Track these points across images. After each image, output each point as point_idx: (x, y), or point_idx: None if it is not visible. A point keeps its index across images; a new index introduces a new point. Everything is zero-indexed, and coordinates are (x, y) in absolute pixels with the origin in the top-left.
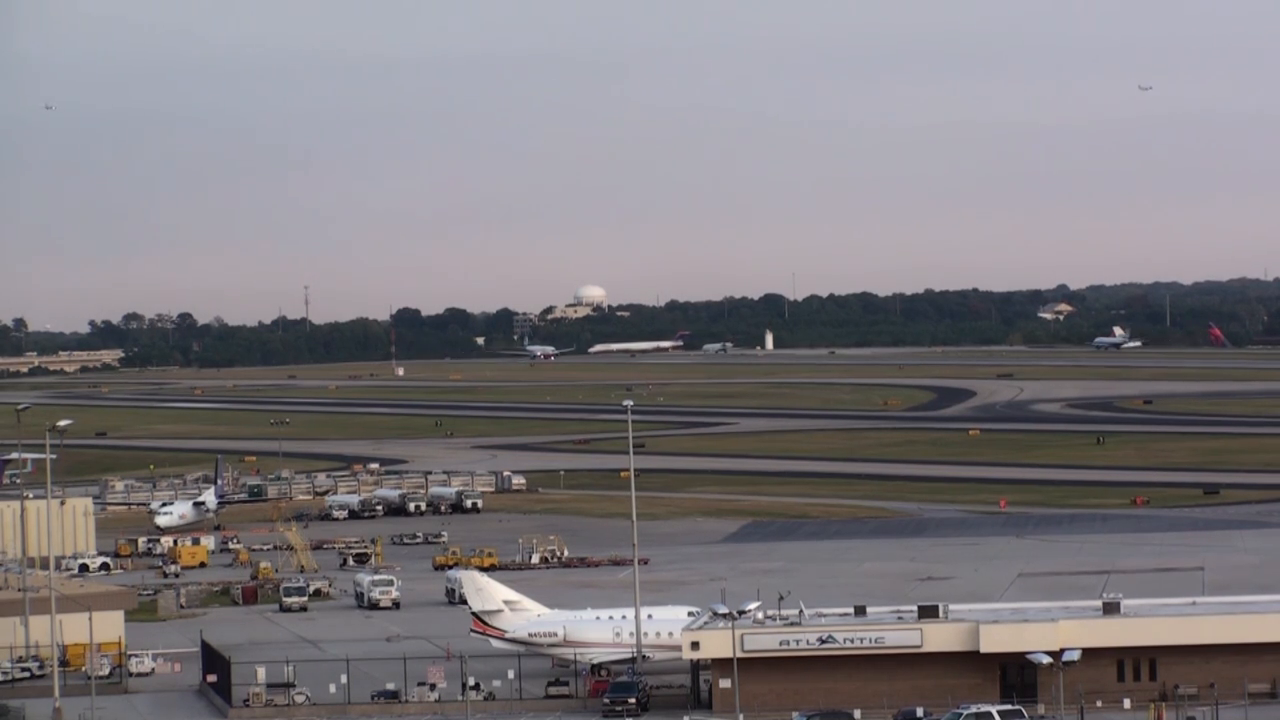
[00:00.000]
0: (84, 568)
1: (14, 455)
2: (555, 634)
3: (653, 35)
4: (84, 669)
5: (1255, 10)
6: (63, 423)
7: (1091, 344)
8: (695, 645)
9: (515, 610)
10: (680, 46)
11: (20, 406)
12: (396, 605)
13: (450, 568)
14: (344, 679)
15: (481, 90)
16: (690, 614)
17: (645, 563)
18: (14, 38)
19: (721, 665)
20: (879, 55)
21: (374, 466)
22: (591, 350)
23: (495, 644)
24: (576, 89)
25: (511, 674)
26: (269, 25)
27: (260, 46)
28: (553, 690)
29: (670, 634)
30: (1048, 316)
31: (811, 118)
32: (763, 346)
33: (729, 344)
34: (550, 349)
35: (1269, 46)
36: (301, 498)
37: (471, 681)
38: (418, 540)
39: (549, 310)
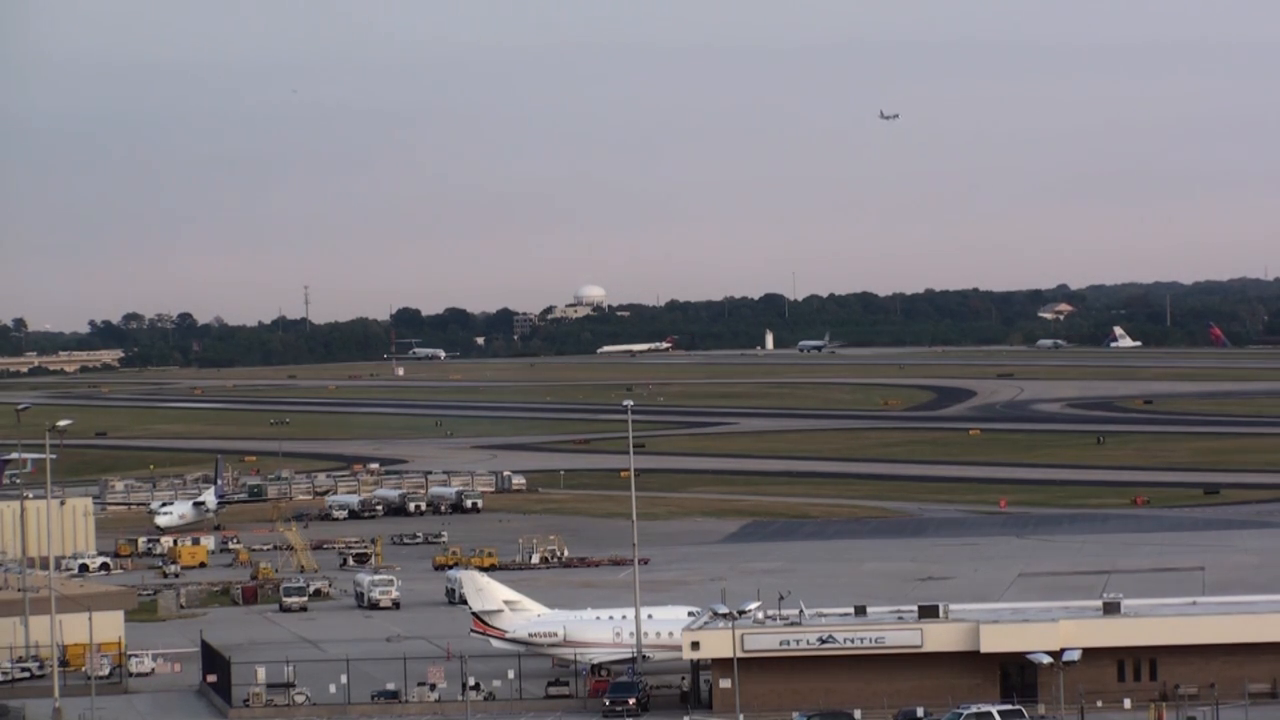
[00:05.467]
0: (84, 568)
1: (14, 455)
2: (555, 634)
3: (653, 34)
4: (84, 669)
5: (1256, 10)
6: (63, 423)
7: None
8: (695, 645)
9: (515, 610)
10: (680, 46)
11: (20, 406)
12: (396, 605)
13: (450, 568)
14: (344, 679)
15: (481, 89)
16: (690, 614)
17: (645, 563)
18: (15, 37)
19: (722, 665)
20: (879, 55)
21: (374, 466)
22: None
23: (495, 644)
24: (577, 88)
25: (511, 674)
26: (268, 26)
27: (259, 47)
28: (553, 690)
29: (670, 634)
30: (1048, 316)
31: (812, 118)
32: (763, 346)
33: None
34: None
35: (1270, 46)
36: (301, 498)
37: (471, 681)
38: (418, 540)
39: (549, 310)
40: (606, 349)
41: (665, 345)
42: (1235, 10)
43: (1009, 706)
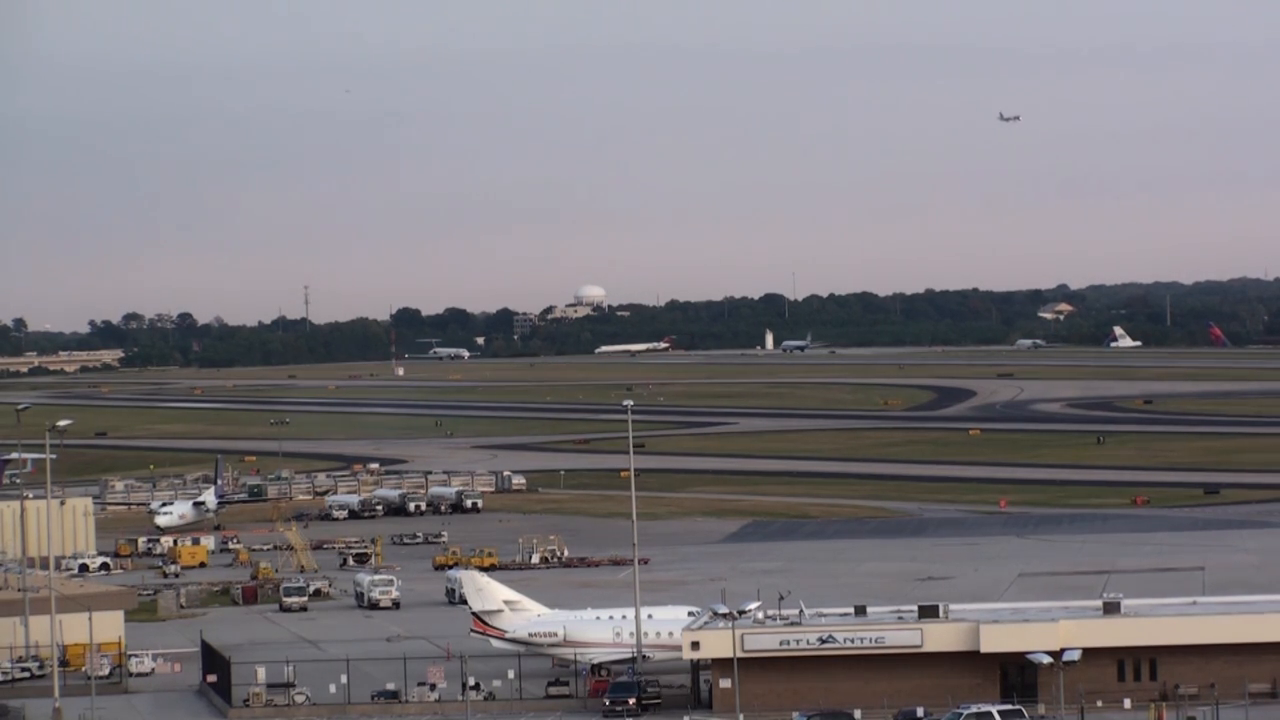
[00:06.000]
0: (84, 568)
1: (14, 455)
2: (555, 634)
3: (652, 34)
4: (84, 669)
5: (1255, 10)
6: (63, 423)
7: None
8: (695, 645)
9: (515, 610)
10: (680, 46)
11: (20, 406)
12: (396, 605)
13: (450, 568)
14: (344, 679)
15: (481, 90)
16: (690, 614)
17: (645, 563)
18: (15, 38)
19: (722, 665)
20: (879, 55)
21: (374, 466)
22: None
23: (495, 644)
24: (576, 88)
25: (511, 674)
26: (268, 26)
27: (260, 47)
28: (553, 690)
29: (670, 634)
30: (1048, 316)
31: (812, 118)
32: (763, 346)
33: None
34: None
35: (1269, 46)
36: (301, 498)
37: (471, 681)
38: (418, 540)
39: (549, 310)
40: (605, 349)
41: (663, 345)
42: (1234, 11)
43: (1009, 706)
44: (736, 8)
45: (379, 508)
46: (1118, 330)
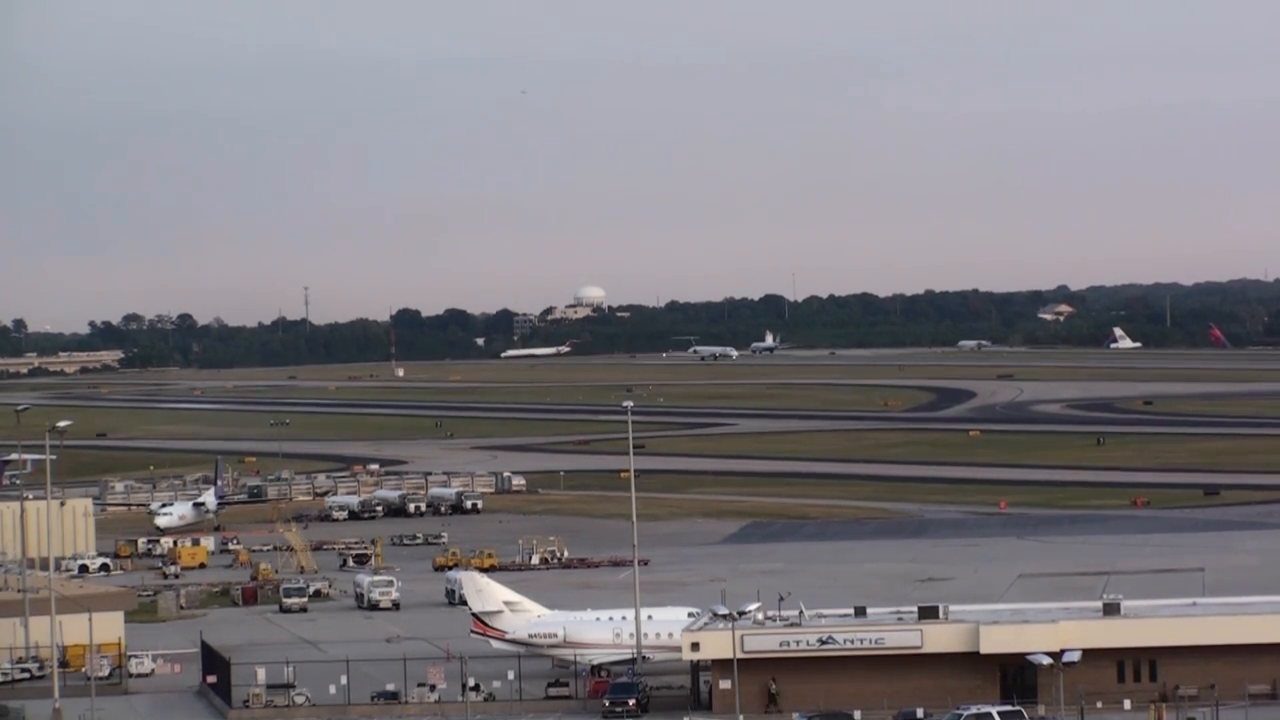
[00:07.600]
0: (84, 568)
1: (14, 456)
2: (555, 635)
3: (651, 35)
4: (84, 670)
5: (1255, 8)
6: (62, 423)
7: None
8: (695, 646)
9: (515, 611)
10: (678, 47)
11: (20, 407)
12: (396, 606)
13: (450, 568)
14: (344, 680)
15: (481, 91)
16: (690, 615)
17: (645, 564)
18: (15, 38)
19: (721, 666)
20: (877, 54)
21: (374, 467)
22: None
23: (495, 645)
24: (575, 89)
25: (511, 675)
26: (269, 25)
27: (260, 47)
28: (553, 691)
29: (670, 635)
30: (1048, 317)
31: (810, 117)
32: None
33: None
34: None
35: (1270, 45)
36: (301, 498)
37: (471, 682)
38: (418, 541)
39: (549, 311)
40: (510, 353)
41: (566, 349)
42: (1235, 11)
43: (1009, 707)
44: (736, 11)
45: (379, 509)
46: (1117, 331)
